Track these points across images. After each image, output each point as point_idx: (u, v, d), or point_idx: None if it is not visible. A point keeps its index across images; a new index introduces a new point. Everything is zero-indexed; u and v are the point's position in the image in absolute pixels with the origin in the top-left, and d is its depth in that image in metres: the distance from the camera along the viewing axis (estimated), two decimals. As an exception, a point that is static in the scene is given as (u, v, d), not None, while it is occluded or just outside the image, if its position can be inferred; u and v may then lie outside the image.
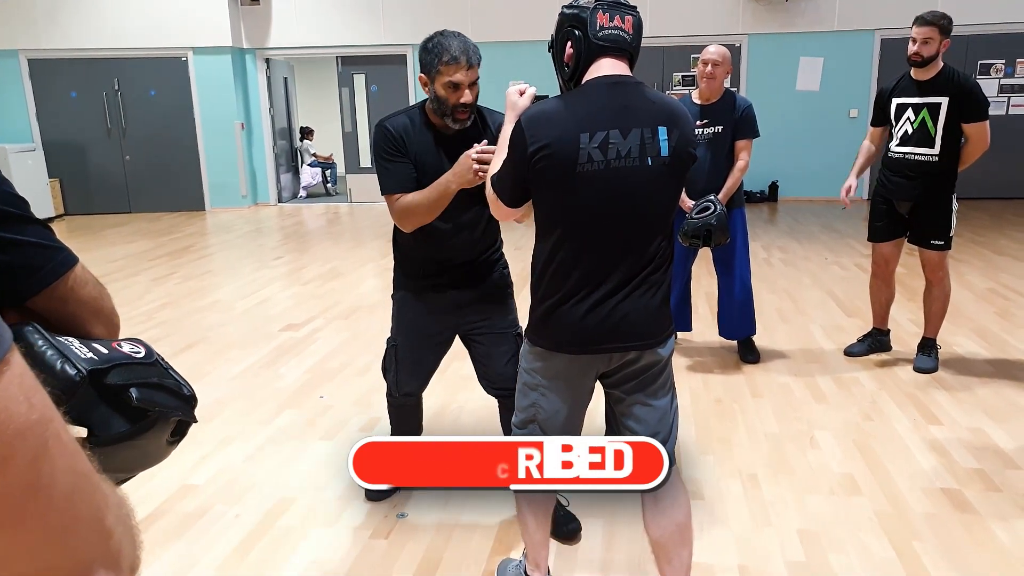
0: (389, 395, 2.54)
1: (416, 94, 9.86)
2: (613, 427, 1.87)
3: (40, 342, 0.82)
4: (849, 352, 3.94)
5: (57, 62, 9.58)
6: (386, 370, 2.50)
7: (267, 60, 10.09)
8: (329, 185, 11.44)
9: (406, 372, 2.46)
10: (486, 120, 2.25)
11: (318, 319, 4.83)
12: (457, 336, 2.46)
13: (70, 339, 0.85)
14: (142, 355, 0.91)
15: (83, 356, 0.83)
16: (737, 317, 3.89)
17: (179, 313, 5.07)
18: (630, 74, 1.67)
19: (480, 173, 1.96)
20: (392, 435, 2.63)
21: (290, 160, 11.12)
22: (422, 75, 2.12)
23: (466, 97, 2.08)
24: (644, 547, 2.24)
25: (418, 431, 2.68)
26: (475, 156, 1.98)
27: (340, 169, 11.48)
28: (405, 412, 2.60)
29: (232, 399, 3.56)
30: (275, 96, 10.39)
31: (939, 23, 3.35)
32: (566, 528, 2.34)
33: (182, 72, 9.67)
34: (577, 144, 1.57)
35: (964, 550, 2.29)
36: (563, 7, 1.70)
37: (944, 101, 3.40)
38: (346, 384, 3.71)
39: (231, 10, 9.50)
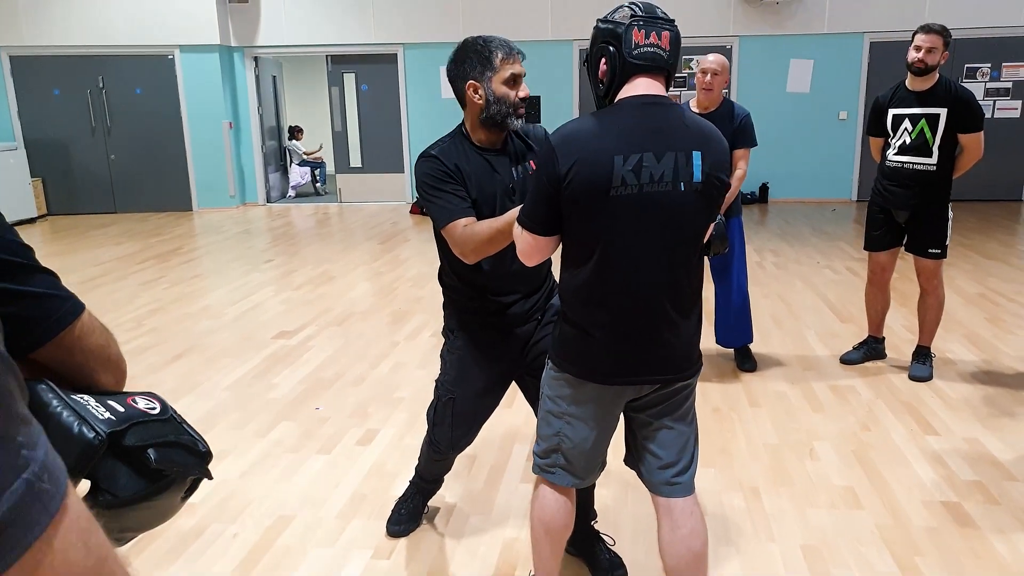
0: (436, 450, 2.30)
1: (408, 94, 9.80)
2: (633, 452, 1.85)
3: (55, 402, 0.79)
4: (845, 360, 3.95)
5: (40, 59, 9.42)
6: (436, 424, 2.25)
7: (255, 58, 9.99)
8: (318, 184, 11.35)
9: (463, 428, 2.22)
10: (519, 131, 2.11)
11: (311, 326, 4.78)
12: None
13: (85, 397, 0.82)
14: (157, 411, 0.88)
15: (101, 417, 0.80)
16: (734, 325, 3.89)
17: (169, 319, 5.00)
18: (665, 94, 1.63)
19: None
20: (419, 478, 2.48)
21: (279, 160, 11.02)
22: (472, 82, 1.97)
23: (524, 90, 1.99)
24: (652, 572, 2.23)
25: (448, 470, 2.51)
26: None
27: (329, 168, 11.41)
28: (447, 464, 2.43)
29: (226, 411, 3.51)
30: (264, 95, 10.29)
31: (944, 34, 3.38)
32: (611, 575, 2.23)
33: (169, 70, 9.55)
34: (611, 167, 1.53)
35: (965, 564, 2.29)
36: (598, 20, 1.64)
37: (943, 112, 3.42)
38: (342, 395, 3.67)
39: (219, 8, 9.39)
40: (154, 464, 0.83)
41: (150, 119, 9.65)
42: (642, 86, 1.60)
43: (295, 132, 11.36)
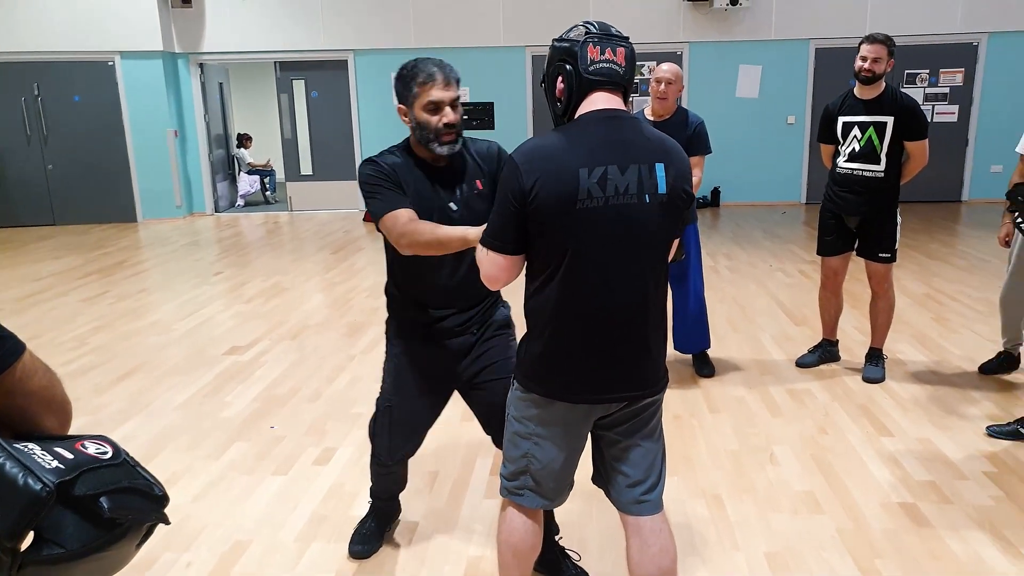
0: (378, 462, 2.28)
1: (359, 101, 9.68)
2: (601, 471, 1.82)
3: None
4: (800, 363, 4.02)
5: (-29, 66, 9.02)
6: (376, 434, 2.24)
7: (201, 65, 9.73)
8: (268, 193, 11.12)
9: (401, 436, 2.21)
10: (469, 149, 2.10)
11: (263, 340, 4.65)
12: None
13: (30, 445, 0.76)
14: (109, 456, 0.82)
15: (48, 466, 0.74)
16: (692, 331, 3.91)
17: (114, 336, 4.81)
18: (624, 108, 1.62)
19: None
20: (374, 498, 2.42)
21: (227, 168, 10.75)
22: (400, 106, 2.00)
23: (449, 117, 1.95)
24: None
25: (402, 487, 2.44)
26: None
27: (279, 176, 11.18)
28: (394, 477, 2.37)
29: (177, 431, 3.38)
30: (210, 102, 10.03)
31: (888, 43, 3.47)
32: None
33: (109, 77, 9.24)
34: (576, 180, 1.51)
35: (924, 565, 2.34)
36: (553, 40, 1.64)
37: (890, 120, 3.50)
38: (297, 412, 3.57)
39: (161, 13, 9.12)
40: (108, 513, 0.78)
41: (90, 128, 9.31)
42: (600, 100, 1.59)
43: (243, 140, 11.11)
